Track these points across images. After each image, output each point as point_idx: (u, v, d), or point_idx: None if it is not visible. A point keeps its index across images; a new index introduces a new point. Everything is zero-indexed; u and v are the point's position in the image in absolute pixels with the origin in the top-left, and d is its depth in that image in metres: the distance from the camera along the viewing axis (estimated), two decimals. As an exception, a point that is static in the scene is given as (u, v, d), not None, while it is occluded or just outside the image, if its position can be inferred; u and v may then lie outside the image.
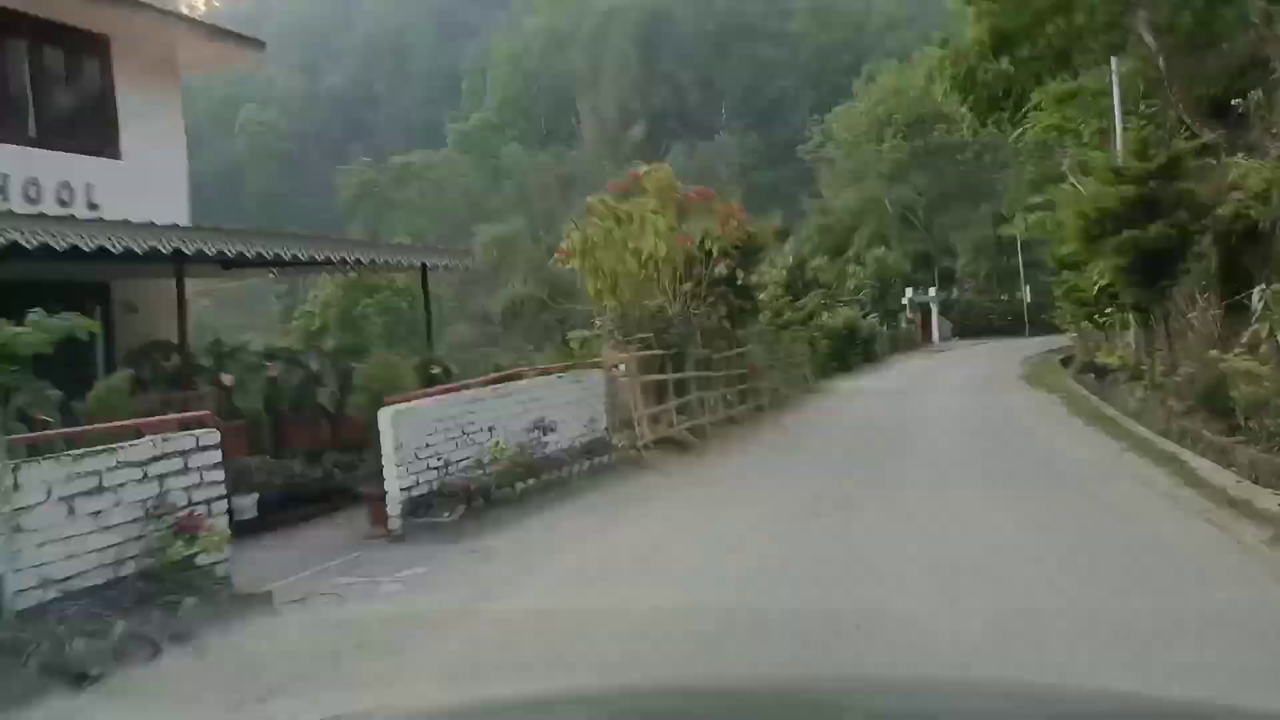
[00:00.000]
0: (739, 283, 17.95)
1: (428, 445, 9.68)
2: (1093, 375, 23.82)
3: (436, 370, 11.82)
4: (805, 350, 27.10)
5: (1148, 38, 24.43)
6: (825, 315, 35.63)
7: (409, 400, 9.82)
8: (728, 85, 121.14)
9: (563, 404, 12.26)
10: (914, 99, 57.59)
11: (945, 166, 60.42)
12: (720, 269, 16.31)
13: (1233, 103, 17.87)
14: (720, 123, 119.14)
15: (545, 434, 11.17)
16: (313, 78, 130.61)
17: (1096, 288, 19.59)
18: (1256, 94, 17.65)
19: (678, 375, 15.29)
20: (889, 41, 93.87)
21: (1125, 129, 20.88)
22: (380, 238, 38.78)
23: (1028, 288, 54.50)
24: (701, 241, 16.58)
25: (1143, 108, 23.75)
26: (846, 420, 20.49)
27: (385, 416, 9.21)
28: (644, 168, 14.25)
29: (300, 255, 11.62)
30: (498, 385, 11.51)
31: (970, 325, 54.75)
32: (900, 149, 57.30)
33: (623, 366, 13.71)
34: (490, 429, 10.59)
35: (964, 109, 30.55)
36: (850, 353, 36.14)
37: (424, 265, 13.74)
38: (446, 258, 14.71)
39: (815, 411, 22.28)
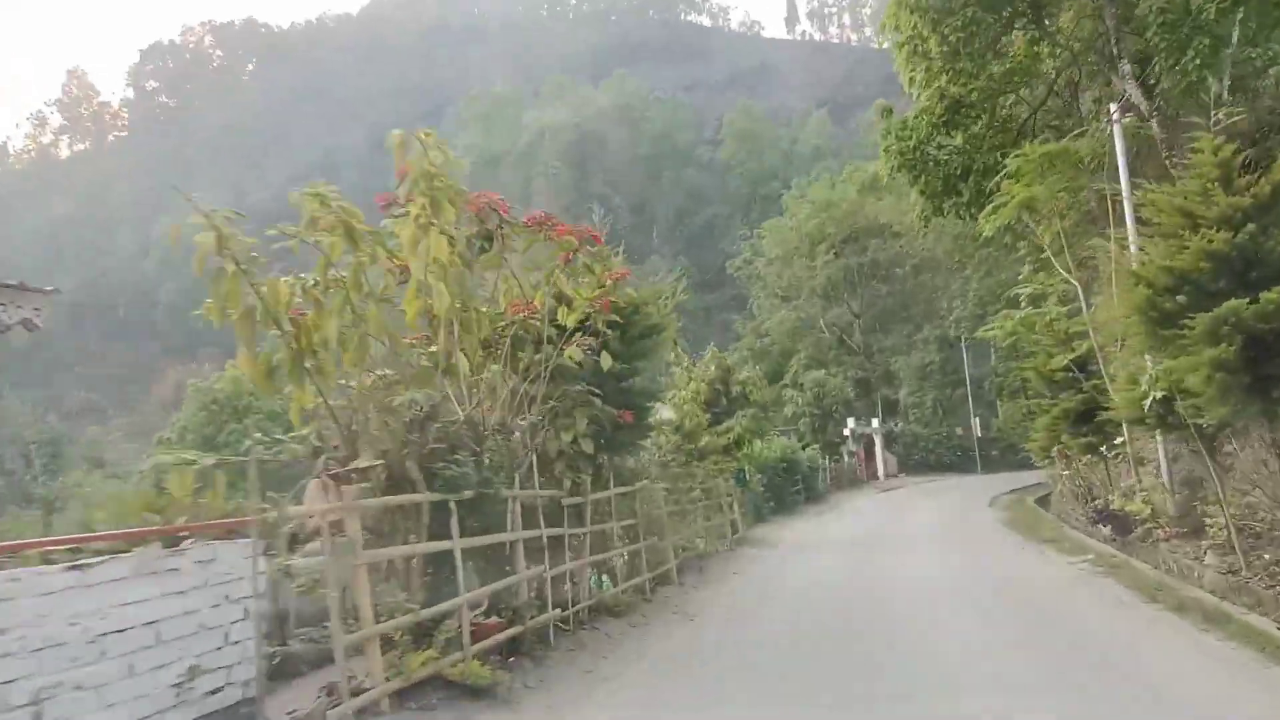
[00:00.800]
0: (619, 381, 11.00)
1: None
2: (1107, 526, 17.20)
3: None
4: (731, 489, 20.09)
5: (1137, 98, 19.42)
6: (758, 444, 28.86)
7: None
8: (659, 209, 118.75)
9: (109, 641, 4.86)
10: (847, 212, 53.34)
11: (882, 285, 55.78)
12: (574, 352, 9.27)
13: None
14: (652, 245, 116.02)
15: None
16: (238, 196, 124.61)
17: (1150, 399, 12.92)
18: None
19: (477, 541, 7.99)
20: (816, 169, 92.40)
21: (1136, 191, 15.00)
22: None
23: (977, 420, 48.99)
24: (550, 304, 9.68)
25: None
26: (791, 599, 13.14)
27: None
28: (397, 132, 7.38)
29: None
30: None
31: (917, 460, 48.68)
32: (834, 265, 52.52)
33: (335, 528, 6.40)
34: None
35: (914, 193, 25.13)
36: (788, 491, 29.29)
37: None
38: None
39: (744, 581, 14.94)
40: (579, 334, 9.78)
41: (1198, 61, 17.19)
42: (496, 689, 7.66)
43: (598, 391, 10.36)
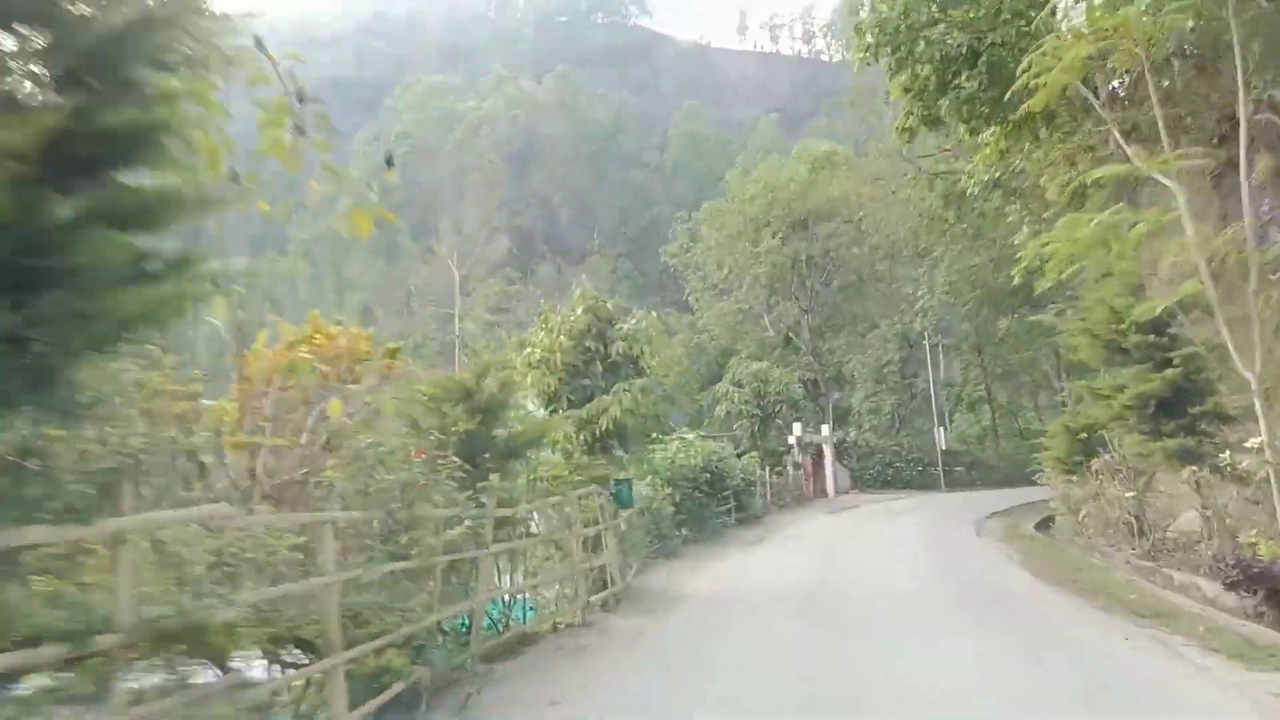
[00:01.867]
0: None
1: None
2: (1254, 593, 9.29)
3: None
4: (606, 513, 11.67)
5: None
6: (671, 446, 20.55)
7: None
8: (601, 210, 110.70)
9: None
10: (796, 194, 45.61)
11: (834, 276, 48.14)
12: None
13: None
14: (592, 246, 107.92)
15: None
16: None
17: None
18: None
19: None
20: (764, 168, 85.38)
21: None
22: None
23: (941, 431, 41.41)
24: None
25: None
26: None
27: None
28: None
29: None
30: None
31: (872, 475, 40.93)
32: (780, 252, 44.70)
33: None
34: None
35: (896, 89, 17.07)
36: (712, 512, 21.10)
37: None
38: None
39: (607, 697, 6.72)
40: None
41: None
42: None
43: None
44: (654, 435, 17.90)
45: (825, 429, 39.05)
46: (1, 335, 3.04)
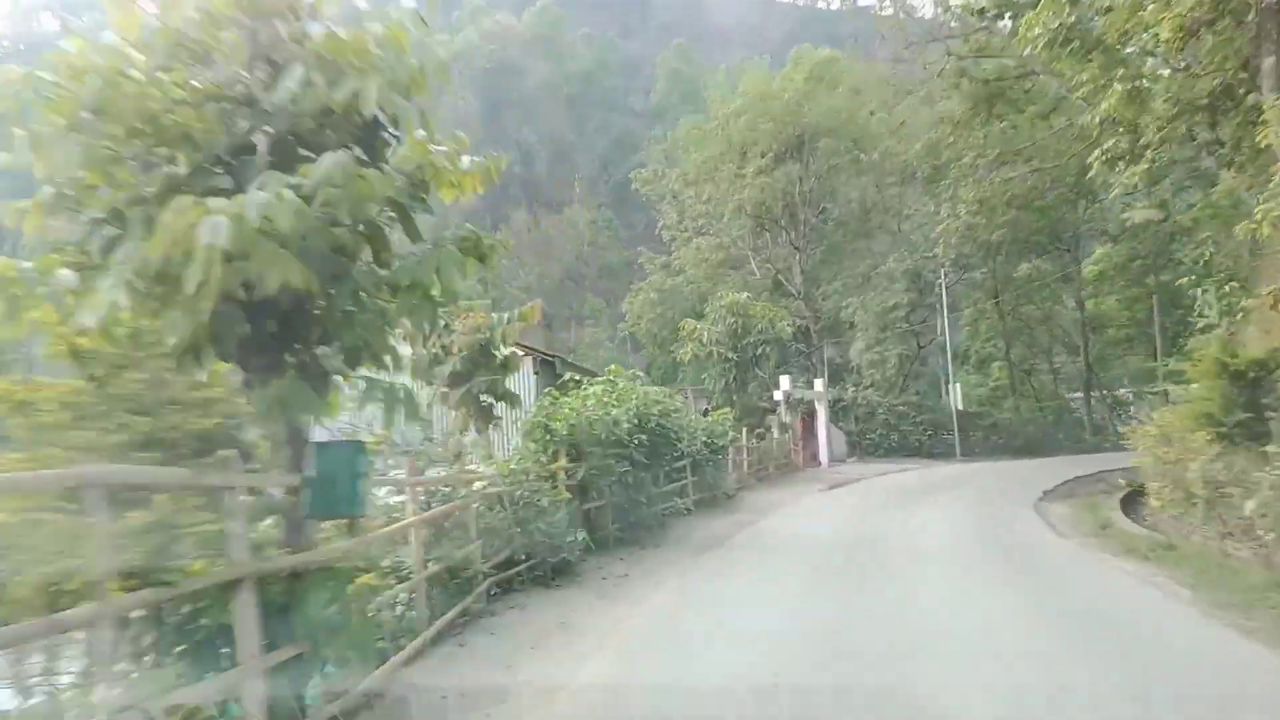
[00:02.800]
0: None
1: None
2: None
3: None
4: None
5: None
6: (592, 393, 12.89)
7: None
8: (582, 157, 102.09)
9: None
10: (790, 108, 37.43)
11: (833, 205, 40.21)
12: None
13: None
14: (573, 195, 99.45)
15: None
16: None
17: None
18: None
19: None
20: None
21: None
22: None
23: (957, 387, 33.83)
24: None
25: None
26: None
27: None
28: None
29: None
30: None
31: (874, 439, 33.46)
32: (771, 177, 36.69)
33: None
34: None
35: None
36: (651, 495, 13.52)
37: None
38: None
39: None
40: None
41: None
42: None
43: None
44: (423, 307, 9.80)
45: (819, 384, 31.43)
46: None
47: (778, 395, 29.55)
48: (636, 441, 12.80)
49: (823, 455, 30.63)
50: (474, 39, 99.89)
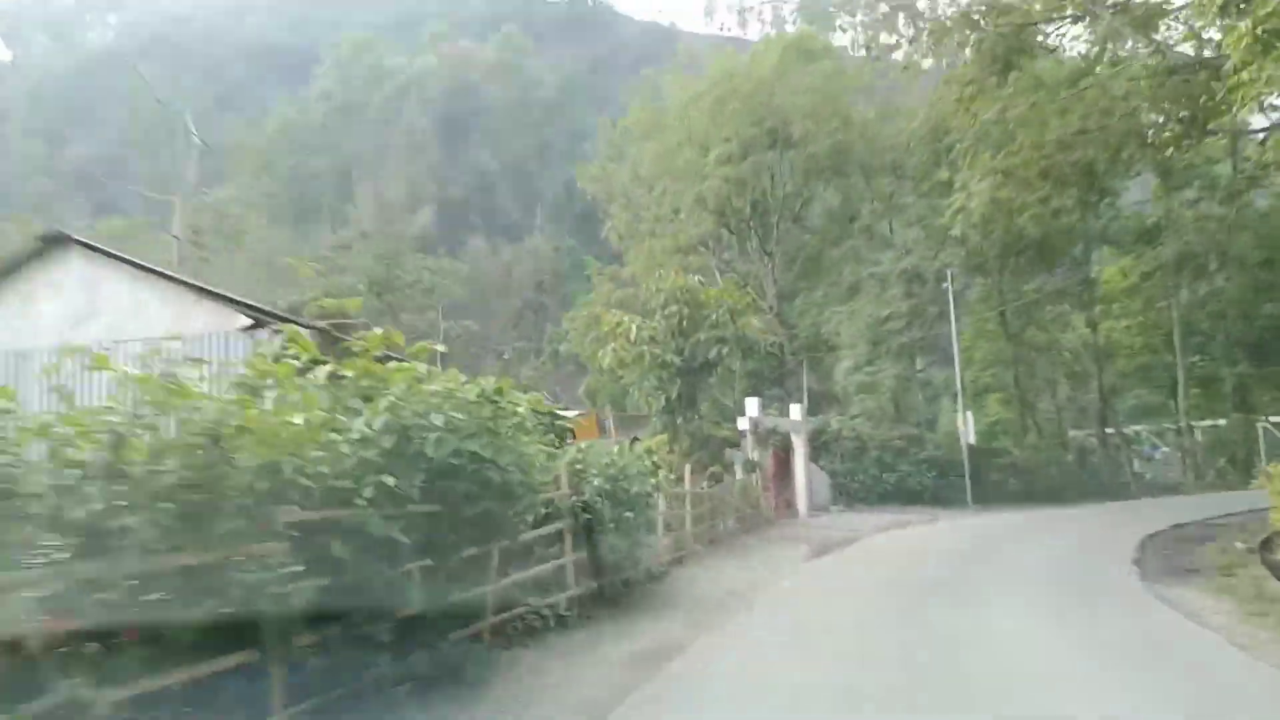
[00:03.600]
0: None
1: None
2: None
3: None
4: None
5: None
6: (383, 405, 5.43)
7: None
8: (545, 185, 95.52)
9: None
10: (760, 87, 30.66)
11: (815, 210, 33.29)
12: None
13: None
14: (535, 224, 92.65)
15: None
16: (54, 145, 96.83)
17: None
18: None
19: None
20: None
21: None
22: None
23: (970, 416, 26.51)
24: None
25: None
26: None
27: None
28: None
29: None
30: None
31: (864, 482, 25.93)
32: (736, 164, 29.74)
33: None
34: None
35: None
36: (458, 601, 5.99)
37: None
38: None
39: None
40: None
41: None
42: None
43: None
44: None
45: (796, 411, 23.98)
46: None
47: (742, 424, 22.07)
48: (448, 491, 5.35)
49: (801, 503, 23.07)
50: (433, 63, 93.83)
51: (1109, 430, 37.39)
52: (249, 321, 9.96)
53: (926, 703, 5.81)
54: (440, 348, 7.91)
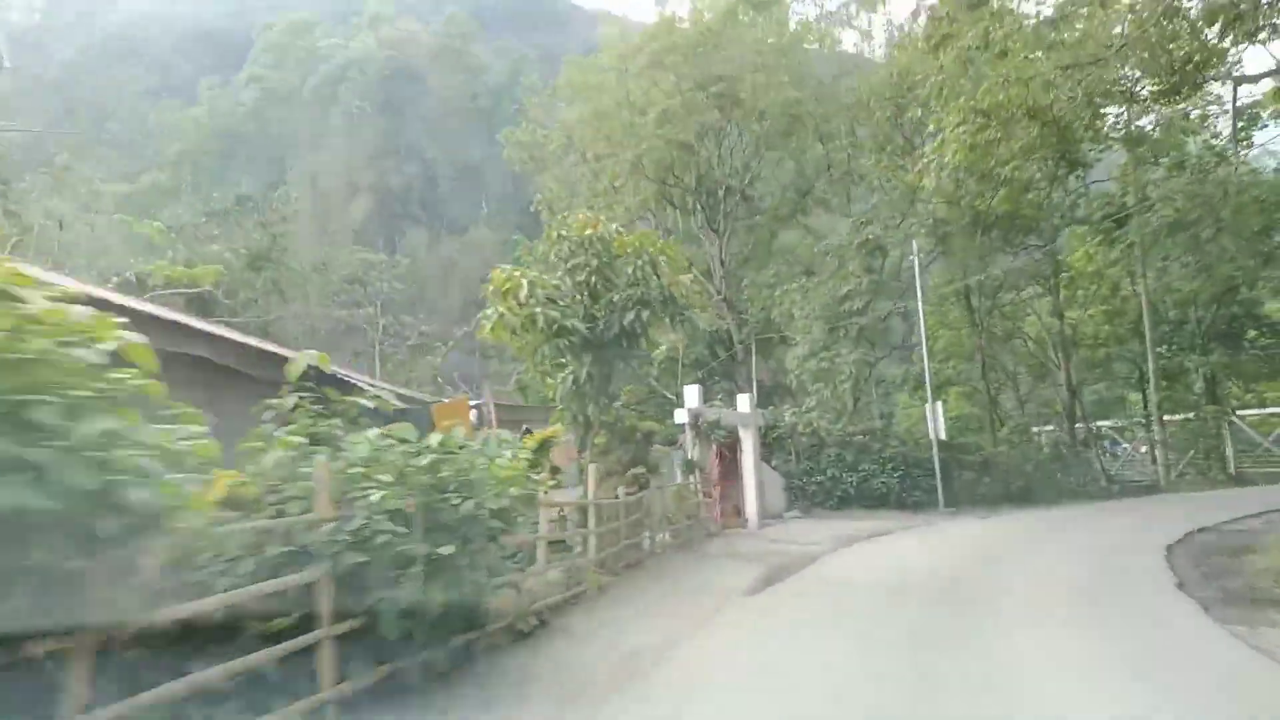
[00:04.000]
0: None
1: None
2: None
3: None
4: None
5: None
6: None
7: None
8: (491, 175, 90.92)
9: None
10: (705, 38, 27.04)
11: (767, 185, 29.80)
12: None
13: None
14: (479, 216, 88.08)
15: None
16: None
17: None
18: None
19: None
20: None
21: None
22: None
23: (940, 406, 23.15)
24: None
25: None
26: None
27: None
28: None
29: None
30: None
31: (823, 484, 22.38)
32: (680, 123, 26.08)
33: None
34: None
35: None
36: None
37: None
38: None
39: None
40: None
41: None
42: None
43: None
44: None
45: (744, 402, 20.34)
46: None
47: (680, 416, 18.36)
48: None
49: (750, 509, 19.41)
50: (372, 45, 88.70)
51: (1078, 425, 34.55)
52: None
53: None
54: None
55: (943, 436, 22.52)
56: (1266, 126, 32.97)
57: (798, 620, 8.81)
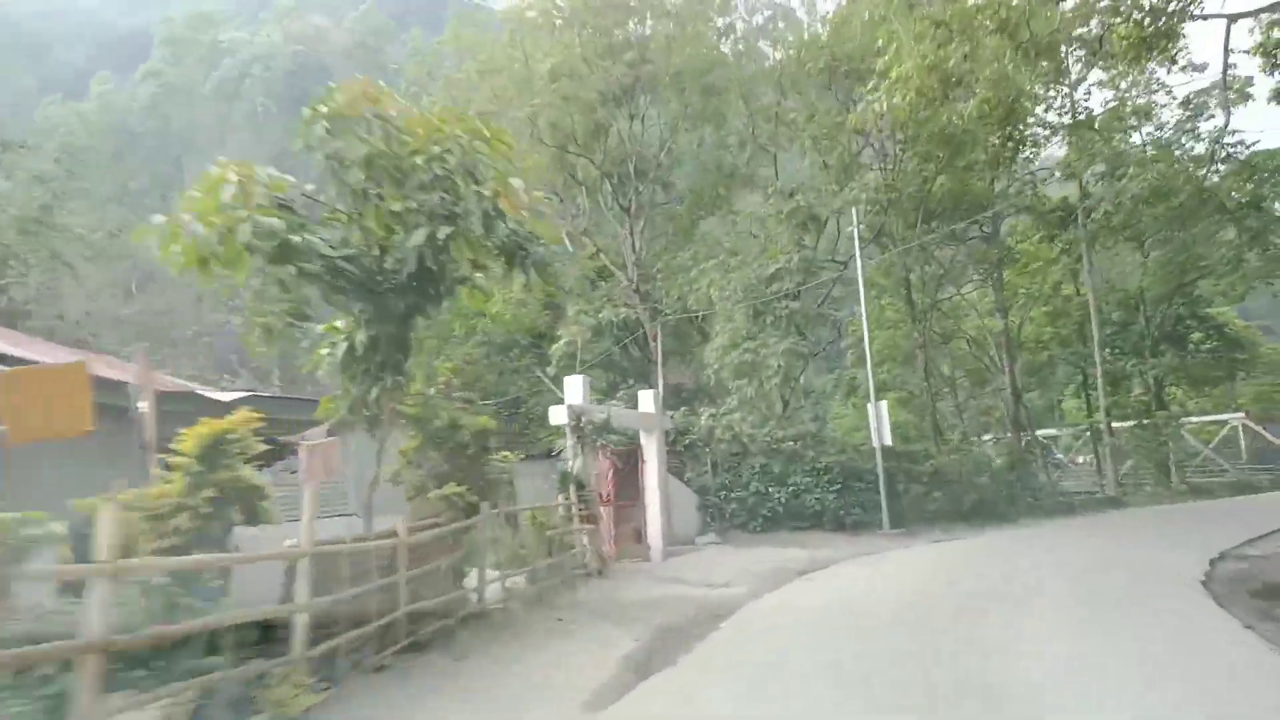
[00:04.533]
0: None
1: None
2: None
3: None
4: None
5: None
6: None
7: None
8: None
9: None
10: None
11: (684, 166, 25.66)
12: None
13: None
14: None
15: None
16: None
17: None
18: None
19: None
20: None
21: None
22: None
23: (883, 407, 19.11)
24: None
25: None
26: None
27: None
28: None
29: None
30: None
31: (745, 501, 18.05)
32: (583, 83, 21.81)
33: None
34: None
35: None
36: None
37: None
38: None
39: None
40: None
41: None
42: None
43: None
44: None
45: (647, 399, 15.92)
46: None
47: (557, 416, 13.80)
48: None
49: (655, 536, 14.92)
50: (278, 40, 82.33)
51: (1024, 434, 31.29)
52: None
53: None
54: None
55: (888, 442, 18.42)
56: (1214, 117, 30.66)
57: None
